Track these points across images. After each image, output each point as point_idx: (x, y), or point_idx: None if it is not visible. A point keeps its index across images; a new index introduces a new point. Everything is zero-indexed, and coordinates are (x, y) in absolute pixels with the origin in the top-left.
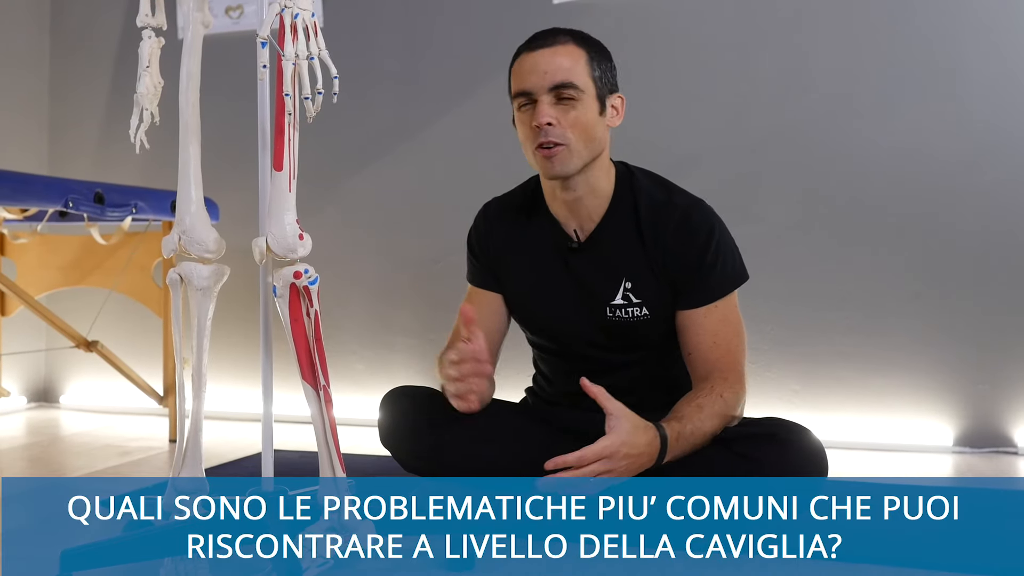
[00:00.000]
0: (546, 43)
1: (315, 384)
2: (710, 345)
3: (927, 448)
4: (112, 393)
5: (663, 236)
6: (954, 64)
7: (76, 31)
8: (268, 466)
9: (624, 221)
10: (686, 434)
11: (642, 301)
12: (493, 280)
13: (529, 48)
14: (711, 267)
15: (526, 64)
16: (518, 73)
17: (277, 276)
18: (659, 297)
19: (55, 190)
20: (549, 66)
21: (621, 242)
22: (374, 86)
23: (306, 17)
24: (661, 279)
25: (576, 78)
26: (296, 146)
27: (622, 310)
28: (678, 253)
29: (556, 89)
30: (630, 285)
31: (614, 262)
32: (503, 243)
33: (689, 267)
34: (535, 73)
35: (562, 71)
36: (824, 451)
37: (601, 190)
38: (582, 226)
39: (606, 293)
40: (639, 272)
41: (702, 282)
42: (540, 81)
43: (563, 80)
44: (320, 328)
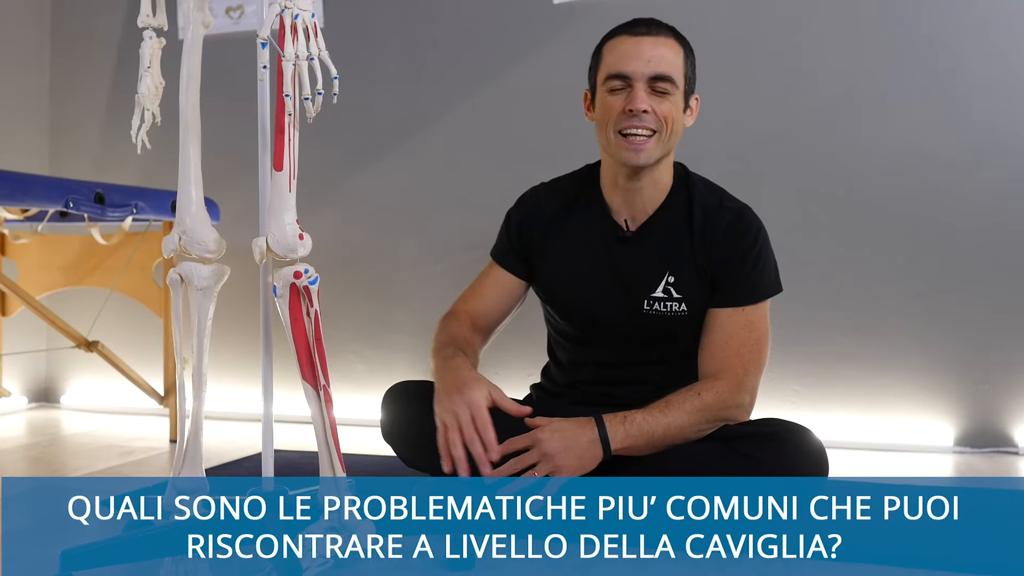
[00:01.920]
0: (650, 31)
1: (315, 384)
2: (720, 344)
3: (928, 448)
4: (113, 393)
5: (714, 234)
6: (954, 63)
7: (77, 31)
8: (268, 466)
9: (676, 216)
10: (638, 421)
11: (682, 297)
12: (519, 264)
13: (632, 32)
14: (750, 271)
15: (628, 47)
16: (616, 54)
17: (277, 276)
18: (699, 295)
19: (56, 190)
20: (653, 55)
21: (671, 236)
22: (374, 86)
23: (306, 18)
24: (704, 277)
25: (675, 72)
26: (296, 146)
27: (661, 304)
28: (725, 252)
29: (655, 79)
30: (673, 279)
31: (660, 254)
32: (546, 226)
33: (730, 267)
34: (638, 59)
35: (665, 62)
36: (824, 451)
37: (662, 184)
38: (634, 217)
39: (648, 285)
40: (683, 268)
41: (736, 284)
42: (642, 68)
43: (664, 72)
44: (320, 328)
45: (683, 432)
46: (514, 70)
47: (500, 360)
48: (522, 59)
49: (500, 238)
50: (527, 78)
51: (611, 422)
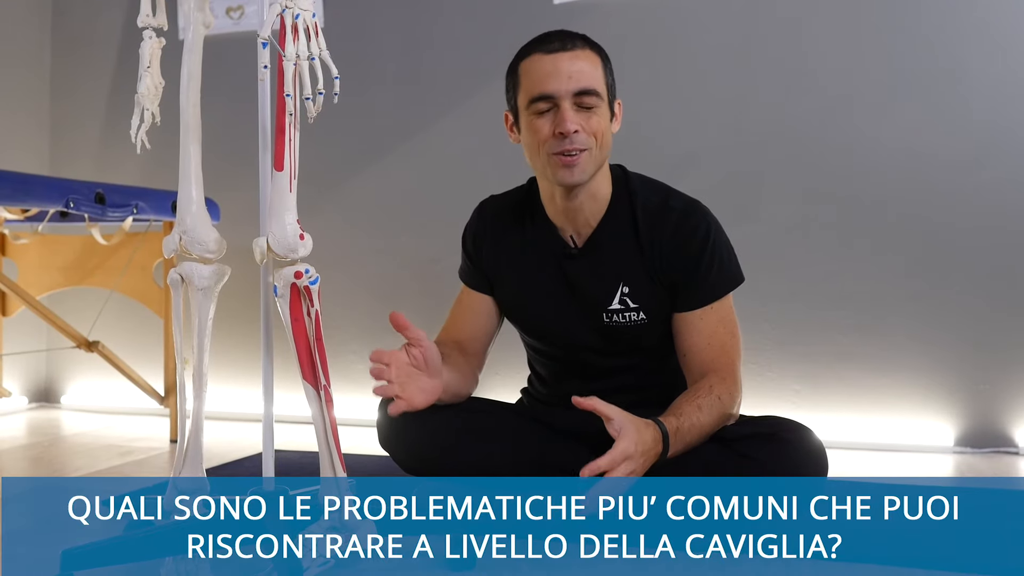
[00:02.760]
0: (564, 46)
1: (316, 384)
2: (705, 346)
3: (928, 448)
4: (113, 393)
5: (660, 239)
6: (954, 63)
7: (77, 31)
8: (269, 466)
9: (621, 226)
10: (684, 429)
11: (639, 306)
12: (485, 282)
13: (546, 50)
14: (708, 269)
15: (545, 65)
16: (534, 75)
17: (278, 276)
18: (656, 301)
19: (56, 190)
20: (572, 70)
21: (618, 247)
22: (374, 86)
23: (307, 17)
24: (658, 283)
25: (597, 84)
26: (297, 146)
27: (619, 315)
28: (675, 256)
29: (579, 95)
30: (627, 290)
31: (611, 267)
32: (498, 247)
33: (686, 269)
34: (557, 77)
35: (585, 76)
36: (824, 450)
37: (601, 195)
38: (579, 232)
39: (603, 298)
40: (636, 276)
41: (698, 285)
42: (564, 85)
43: (587, 86)
44: (320, 328)
45: (705, 435)
46: None
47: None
48: None
49: (463, 259)
50: None
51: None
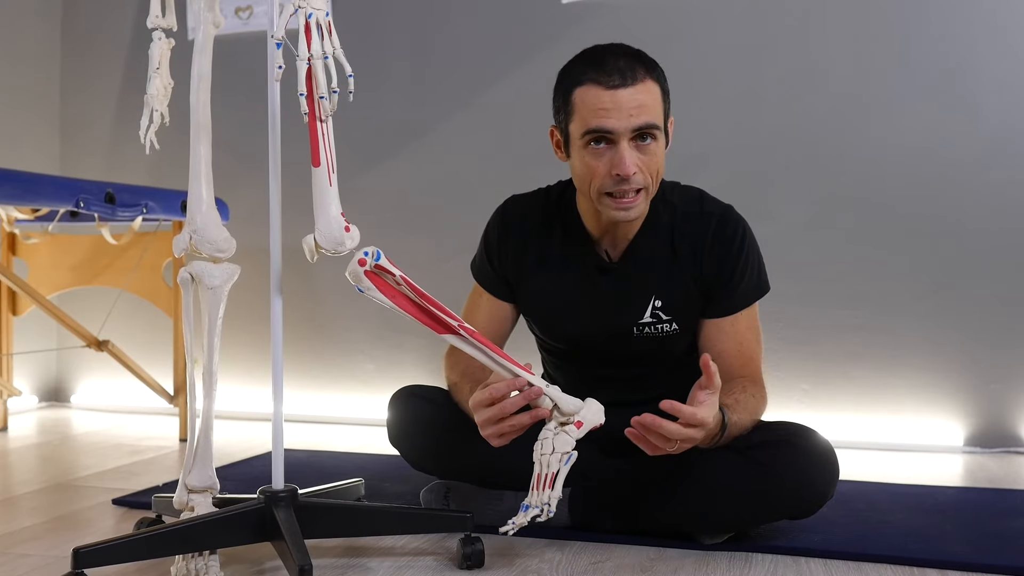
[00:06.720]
0: (625, 82)
1: (451, 329)
2: (735, 352)
3: (937, 448)
4: (123, 392)
5: (700, 247)
6: (965, 63)
7: (87, 31)
8: (278, 465)
9: (657, 238)
10: (733, 424)
11: (671, 318)
12: (506, 289)
13: (606, 85)
14: (741, 277)
15: (603, 100)
16: (590, 106)
17: (350, 277)
18: (690, 310)
19: (66, 190)
20: (632, 107)
21: (653, 260)
22: (381, 86)
23: (320, 16)
24: (694, 290)
25: (656, 118)
26: (332, 140)
27: (650, 327)
28: (714, 263)
29: (639, 130)
30: (660, 304)
31: (645, 281)
32: (524, 251)
33: (723, 276)
34: (617, 114)
35: (646, 111)
36: (833, 450)
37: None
38: (615, 245)
39: (635, 312)
40: (669, 288)
41: (732, 291)
42: (624, 124)
43: (647, 122)
44: (416, 286)
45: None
46: (522, 69)
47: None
48: (530, 59)
49: (481, 259)
50: (535, 78)
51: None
